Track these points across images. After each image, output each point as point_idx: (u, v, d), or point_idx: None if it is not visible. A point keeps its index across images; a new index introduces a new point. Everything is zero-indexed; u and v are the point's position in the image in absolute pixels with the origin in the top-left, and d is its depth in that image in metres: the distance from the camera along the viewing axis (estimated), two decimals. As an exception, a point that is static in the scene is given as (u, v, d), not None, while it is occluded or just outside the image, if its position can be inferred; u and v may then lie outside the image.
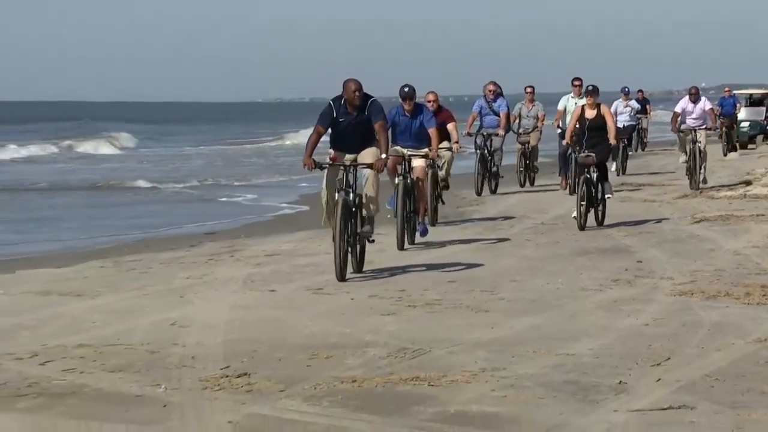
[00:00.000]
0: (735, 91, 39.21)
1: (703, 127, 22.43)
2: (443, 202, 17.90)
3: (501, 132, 21.84)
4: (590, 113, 16.89)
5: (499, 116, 22.00)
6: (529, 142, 23.46)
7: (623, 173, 27.40)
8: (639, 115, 31.33)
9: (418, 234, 14.78)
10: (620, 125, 27.62)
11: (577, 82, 22.16)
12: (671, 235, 16.09)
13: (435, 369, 8.03)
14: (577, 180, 17.84)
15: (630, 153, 29.22)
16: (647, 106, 36.18)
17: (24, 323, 10.05)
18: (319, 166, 12.05)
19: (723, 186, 23.40)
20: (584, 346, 8.79)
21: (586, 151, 16.65)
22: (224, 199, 26.06)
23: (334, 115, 12.16)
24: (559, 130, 21.75)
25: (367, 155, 12.26)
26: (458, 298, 10.96)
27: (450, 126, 17.03)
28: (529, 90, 23.58)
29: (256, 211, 22.79)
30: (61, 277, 12.92)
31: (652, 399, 7.20)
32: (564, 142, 19.42)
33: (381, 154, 12.09)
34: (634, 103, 28.95)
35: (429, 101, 16.94)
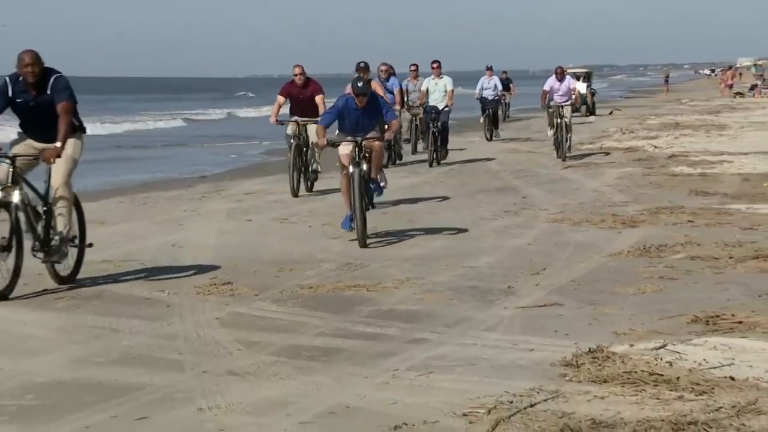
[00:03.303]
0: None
1: (569, 103, 19.75)
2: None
3: (397, 107, 18.49)
4: None
5: (392, 94, 18.89)
6: (418, 115, 20.44)
7: (492, 138, 25.26)
8: (503, 92, 29.03)
9: (375, 195, 10.69)
10: (486, 98, 25.39)
11: (434, 65, 19.59)
12: (547, 178, 16.17)
13: (372, 278, 8.04)
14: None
15: (499, 123, 27.07)
16: (510, 85, 34.06)
17: (60, 245, 9.89)
18: None
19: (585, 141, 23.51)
20: (483, 260, 8.83)
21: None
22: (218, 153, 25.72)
23: (10, 94, 7.65)
24: (421, 108, 19.59)
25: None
26: (389, 226, 10.96)
27: (318, 98, 13.98)
28: (413, 68, 20.37)
29: (238, 159, 22.59)
30: (89, 210, 12.62)
31: (532, 299, 7.25)
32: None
33: (58, 142, 7.49)
34: (496, 79, 26.41)
35: (295, 74, 14.02)
